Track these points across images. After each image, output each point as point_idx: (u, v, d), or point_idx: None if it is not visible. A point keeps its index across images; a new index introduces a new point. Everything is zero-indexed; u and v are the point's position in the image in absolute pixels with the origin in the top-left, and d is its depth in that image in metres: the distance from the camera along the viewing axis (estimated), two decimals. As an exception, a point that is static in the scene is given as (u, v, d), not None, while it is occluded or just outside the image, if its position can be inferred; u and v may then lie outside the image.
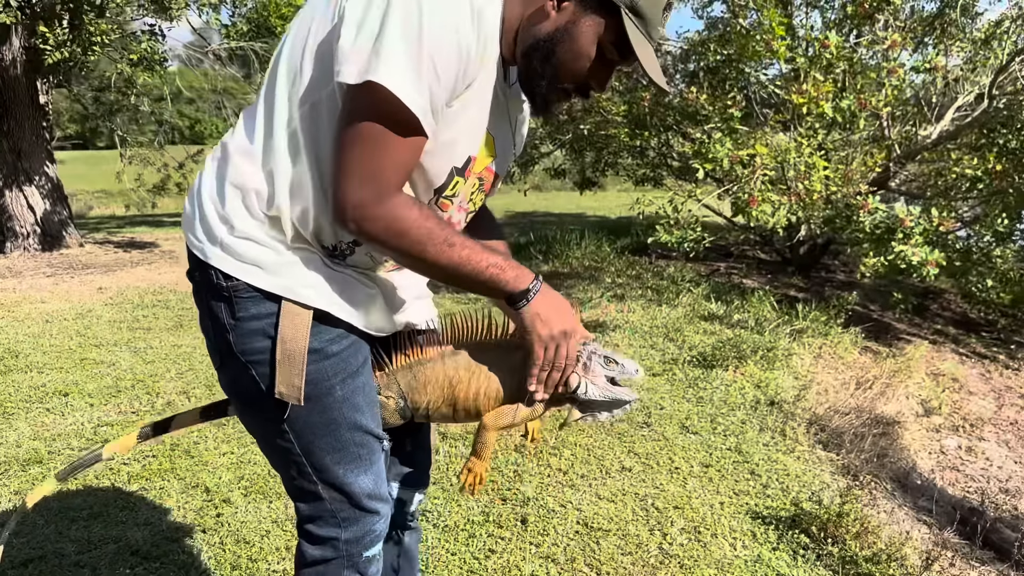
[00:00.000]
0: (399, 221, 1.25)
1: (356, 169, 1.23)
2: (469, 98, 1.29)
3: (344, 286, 1.38)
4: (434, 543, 2.64)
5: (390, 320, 1.50)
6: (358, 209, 1.24)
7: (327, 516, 1.47)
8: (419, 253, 1.28)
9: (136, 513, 2.84)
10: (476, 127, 1.36)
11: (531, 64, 1.33)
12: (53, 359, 4.76)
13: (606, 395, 1.46)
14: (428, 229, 1.26)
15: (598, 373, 1.46)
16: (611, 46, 1.31)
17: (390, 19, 1.17)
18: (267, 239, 1.35)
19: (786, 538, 2.78)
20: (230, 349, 1.39)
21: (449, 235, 1.29)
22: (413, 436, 1.71)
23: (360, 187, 1.23)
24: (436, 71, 1.20)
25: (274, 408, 1.39)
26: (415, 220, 1.26)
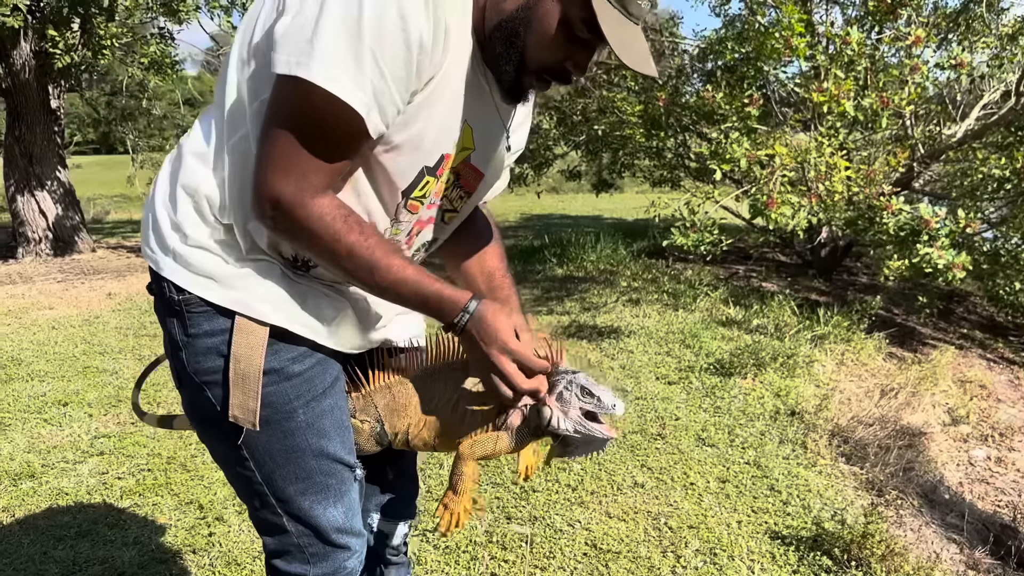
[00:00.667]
0: (316, 228, 1.15)
1: (278, 163, 1.12)
2: (433, 91, 1.16)
3: (307, 300, 1.26)
4: (433, 566, 2.51)
5: (363, 337, 1.37)
6: (276, 206, 1.13)
7: (294, 551, 1.34)
8: (338, 265, 1.19)
9: (126, 531, 2.73)
10: (448, 121, 1.22)
11: (495, 47, 1.19)
12: (56, 367, 4.67)
13: (578, 430, 1.32)
14: (348, 245, 1.16)
15: (573, 405, 1.32)
16: (581, 24, 1.16)
17: (328, 7, 1.05)
18: (220, 248, 1.23)
19: (807, 560, 2.62)
20: (184, 368, 1.27)
21: (375, 255, 1.18)
22: (395, 464, 1.58)
23: (280, 183, 1.12)
24: (379, 66, 1.07)
25: (231, 433, 1.26)
26: (334, 231, 1.15)
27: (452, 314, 1.24)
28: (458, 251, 1.52)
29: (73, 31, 7.65)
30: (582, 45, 1.19)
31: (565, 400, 1.31)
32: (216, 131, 1.22)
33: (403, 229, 1.31)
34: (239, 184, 1.19)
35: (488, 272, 1.52)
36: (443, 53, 1.15)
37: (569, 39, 1.18)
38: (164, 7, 7.58)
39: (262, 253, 1.24)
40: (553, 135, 7.62)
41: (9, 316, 6.12)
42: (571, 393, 1.31)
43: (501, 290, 1.50)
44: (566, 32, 1.17)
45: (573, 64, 1.22)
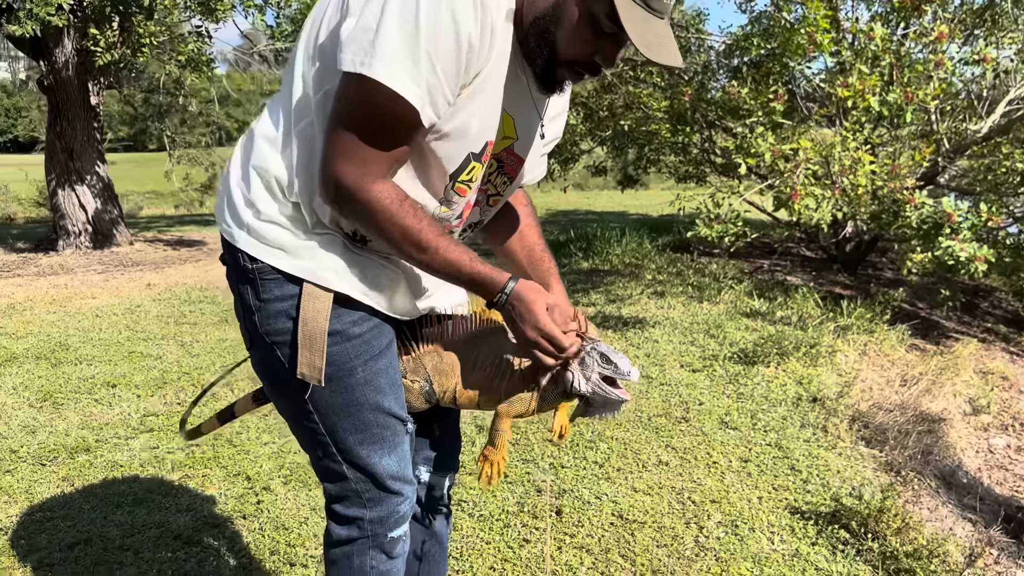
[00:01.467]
0: (375, 211, 1.28)
1: (342, 151, 1.26)
2: (478, 86, 1.30)
3: (366, 270, 1.40)
4: (469, 532, 2.65)
5: (414, 304, 1.52)
6: (339, 190, 1.27)
7: (352, 496, 1.49)
8: (393, 244, 1.32)
9: (179, 499, 2.90)
10: (491, 111, 1.36)
11: (530, 43, 1.33)
12: (102, 352, 4.88)
13: (596, 392, 1.45)
14: (403, 227, 1.29)
15: (593, 369, 1.46)
16: (606, 18, 1.26)
17: (388, 11, 1.18)
18: (289, 223, 1.38)
19: (825, 533, 2.74)
20: (256, 330, 1.42)
21: (425, 237, 1.31)
22: (441, 420, 1.73)
23: (344, 169, 1.26)
24: (433, 64, 1.21)
25: (298, 388, 1.42)
26: (391, 214, 1.28)
27: (493, 292, 1.38)
28: (500, 230, 1.66)
29: (113, 29, 7.87)
30: (609, 39, 1.30)
31: (586, 365, 1.45)
32: (284, 118, 1.37)
33: (455, 210, 1.45)
34: (305, 166, 1.34)
35: (528, 247, 1.66)
36: (489, 50, 1.28)
37: (596, 34, 1.29)
38: (201, 6, 7.78)
39: (326, 227, 1.38)
40: (579, 131, 7.74)
41: (54, 305, 6.35)
42: (592, 359, 1.45)
43: (542, 263, 1.65)
44: (593, 27, 1.28)
45: (602, 57, 1.33)
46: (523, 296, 1.38)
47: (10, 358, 4.71)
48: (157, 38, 7.87)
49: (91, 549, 2.55)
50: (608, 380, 1.45)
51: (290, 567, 2.46)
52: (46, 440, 3.45)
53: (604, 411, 1.51)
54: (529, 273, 1.64)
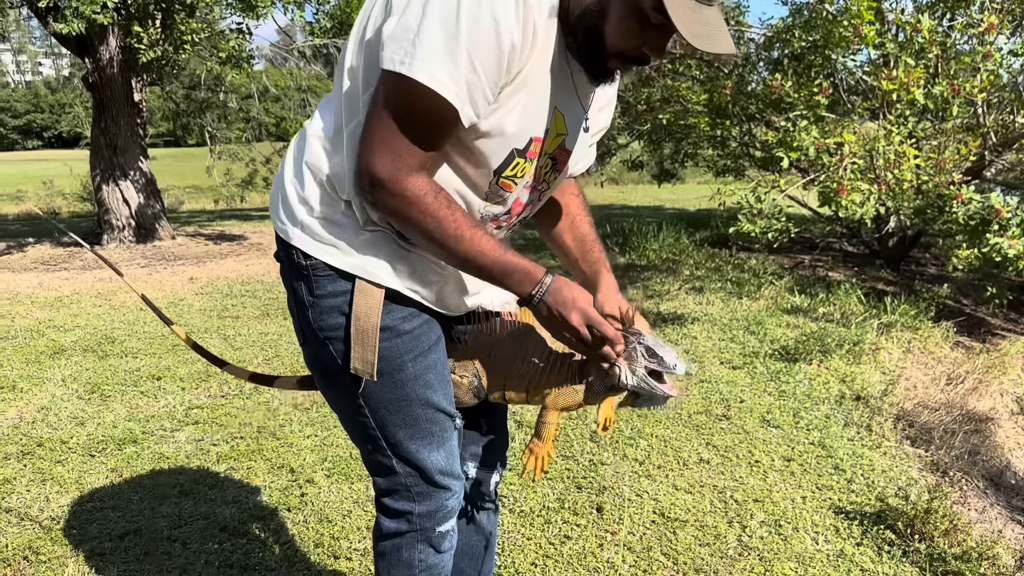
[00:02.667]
0: (409, 202, 1.28)
1: (379, 143, 1.26)
2: (519, 83, 1.29)
3: (416, 266, 1.41)
4: (510, 528, 2.66)
5: (463, 301, 1.52)
6: (373, 181, 1.27)
7: (401, 490, 1.50)
8: (425, 236, 1.32)
9: (224, 491, 2.95)
10: (535, 108, 1.35)
11: (578, 37, 1.32)
12: (147, 345, 4.96)
13: (642, 386, 1.45)
14: (437, 219, 1.29)
15: (639, 363, 1.45)
16: (652, 10, 1.24)
17: (429, 11, 1.19)
18: (343, 220, 1.39)
19: (871, 534, 2.70)
20: (310, 325, 1.44)
21: (459, 229, 1.30)
22: (489, 416, 1.73)
23: (379, 162, 1.26)
24: (473, 64, 1.21)
25: (350, 383, 1.43)
26: (424, 205, 1.28)
27: (530, 286, 1.37)
28: (549, 219, 1.66)
29: (156, 27, 7.99)
30: (657, 30, 1.28)
31: (632, 358, 1.44)
32: (335, 117, 1.38)
33: (504, 205, 1.45)
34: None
35: (580, 237, 1.65)
36: (531, 48, 1.28)
37: (644, 26, 1.27)
38: (242, 2, 7.86)
39: (377, 225, 1.39)
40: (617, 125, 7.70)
41: (99, 298, 6.47)
42: (638, 352, 1.44)
43: (592, 253, 1.64)
44: (640, 19, 1.26)
45: (651, 48, 1.31)
46: (562, 290, 1.37)
47: (59, 350, 4.81)
48: (198, 35, 7.97)
49: (140, 540, 2.60)
50: (654, 374, 1.44)
51: (334, 559, 2.49)
52: (94, 431, 3.52)
53: (650, 404, 1.51)
54: (580, 263, 1.63)
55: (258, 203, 15.58)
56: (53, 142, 61.58)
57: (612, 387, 1.50)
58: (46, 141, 63.18)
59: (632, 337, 1.46)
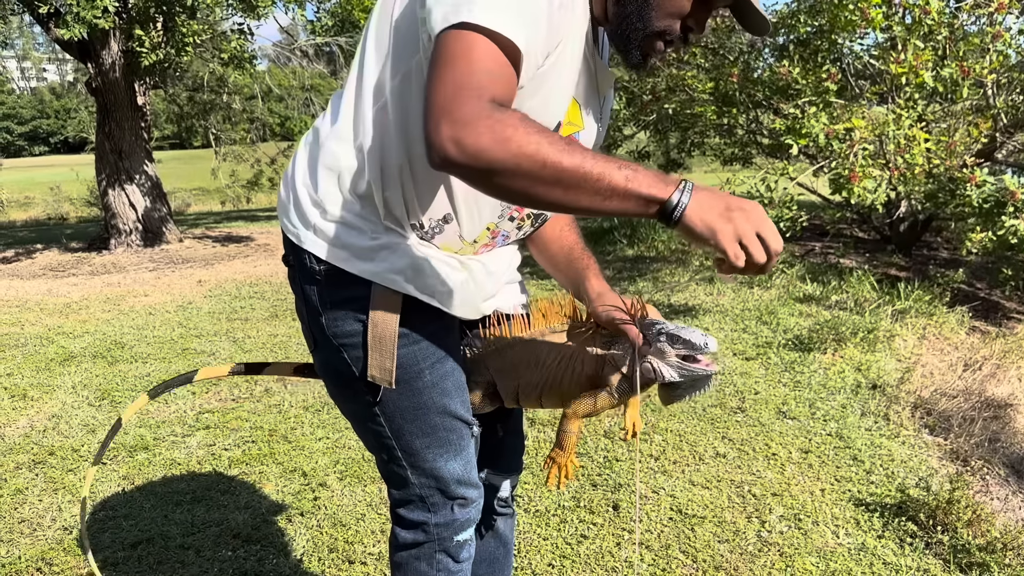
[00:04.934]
0: (506, 129, 1.02)
1: (451, 97, 1.04)
2: (557, 60, 1.24)
3: (433, 271, 1.37)
4: (526, 528, 2.63)
5: (479, 305, 1.48)
6: (457, 120, 1.02)
7: (417, 501, 1.47)
8: (535, 165, 1.03)
9: (237, 497, 2.92)
10: (564, 91, 1.30)
11: (625, 9, 1.26)
12: (156, 350, 4.95)
13: (683, 374, 1.40)
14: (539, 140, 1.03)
15: (669, 353, 1.40)
16: None
17: None
18: (359, 223, 1.35)
19: (892, 525, 2.66)
20: (323, 332, 1.40)
21: (567, 141, 1.06)
22: (504, 421, 1.70)
23: (457, 97, 1.03)
24: (532, 15, 1.12)
25: (366, 391, 1.39)
26: (523, 127, 1.03)
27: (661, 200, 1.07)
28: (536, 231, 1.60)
29: (157, 30, 7.97)
30: (701, 4, 1.25)
31: (661, 351, 1.40)
32: (353, 108, 1.32)
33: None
34: (377, 154, 1.30)
35: (567, 247, 1.61)
36: (570, 21, 1.22)
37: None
38: (243, 3, 7.83)
39: (395, 224, 1.35)
40: (623, 115, 7.64)
41: (108, 303, 6.46)
42: (663, 343, 1.40)
43: (580, 261, 1.58)
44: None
45: (694, 22, 1.26)
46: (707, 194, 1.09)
47: (68, 357, 4.80)
48: (200, 37, 7.94)
49: (153, 548, 2.58)
50: (687, 358, 1.40)
51: (348, 564, 2.46)
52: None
53: (692, 391, 1.45)
54: (567, 272, 1.59)
55: (264, 203, 15.58)
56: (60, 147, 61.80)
57: (634, 388, 1.46)
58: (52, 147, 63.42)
59: (651, 329, 1.42)
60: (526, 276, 1.61)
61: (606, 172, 1.05)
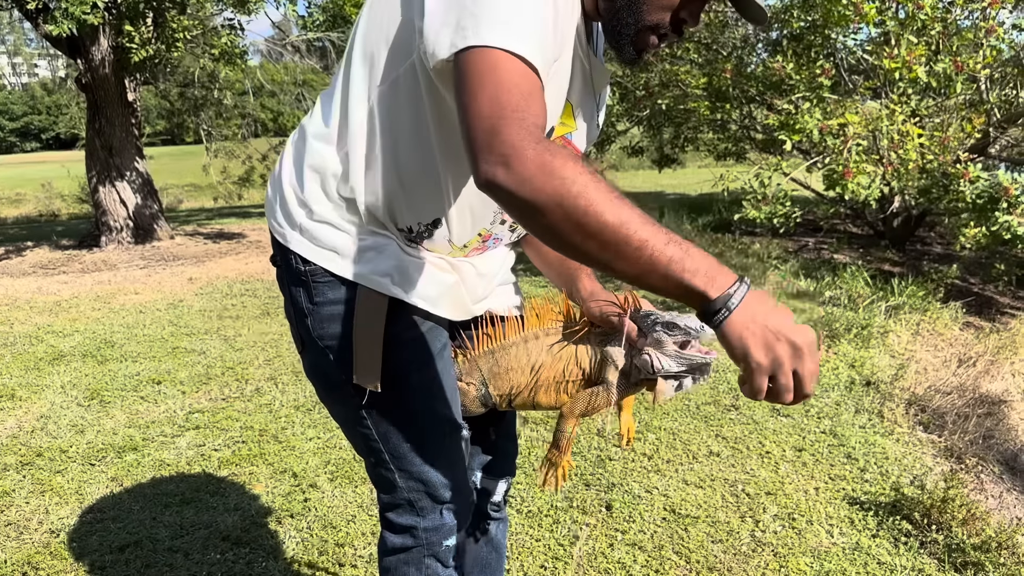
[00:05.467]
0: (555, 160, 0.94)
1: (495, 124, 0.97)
2: (557, 67, 1.20)
3: (421, 273, 1.34)
4: (518, 529, 2.61)
5: (470, 307, 1.46)
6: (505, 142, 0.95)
7: (405, 505, 1.44)
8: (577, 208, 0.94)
9: (226, 498, 2.89)
10: (559, 96, 1.28)
11: (615, 4, 1.22)
12: (146, 348, 4.91)
13: (683, 364, 1.37)
14: (586, 182, 0.94)
15: (666, 342, 1.38)
16: None
17: None
18: (344, 224, 1.32)
19: (886, 524, 2.64)
20: (309, 334, 1.38)
21: (618, 195, 0.96)
22: (497, 424, 1.67)
23: (505, 136, 0.96)
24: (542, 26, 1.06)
25: (353, 394, 1.37)
26: (573, 166, 0.95)
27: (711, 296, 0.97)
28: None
29: (147, 25, 7.91)
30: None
31: (658, 341, 1.37)
32: (340, 109, 1.29)
33: None
34: (364, 159, 1.27)
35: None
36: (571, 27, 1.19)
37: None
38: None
39: (380, 227, 1.32)
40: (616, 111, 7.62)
41: (98, 302, 6.41)
42: (659, 332, 1.37)
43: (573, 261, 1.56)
44: None
45: (688, 14, 1.23)
46: (760, 302, 0.98)
47: (58, 356, 4.76)
48: (190, 32, 7.89)
49: (141, 551, 2.55)
50: (684, 346, 1.37)
51: (339, 567, 2.44)
52: (94, 439, 3.47)
53: (696, 380, 1.42)
54: (559, 271, 1.56)
55: (256, 200, 15.51)
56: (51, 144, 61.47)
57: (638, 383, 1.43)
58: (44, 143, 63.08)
59: (646, 320, 1.39)
60: (519, 274, 1.58)
61: (649, 242, 0.95)
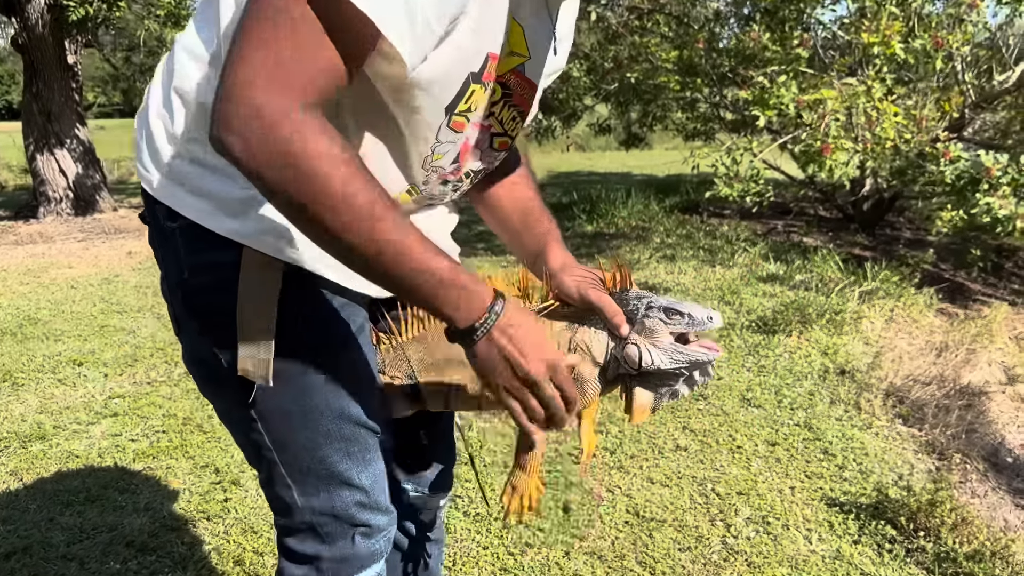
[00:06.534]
0: (305, 149, 0.81)
1: (257, 59, 0.81)
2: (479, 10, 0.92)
3: None
4: (462, 534, 2.32)
5: None
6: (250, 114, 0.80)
7: (307, 530, 1.15)
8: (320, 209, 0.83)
9: (137, 497, 2.57)
10: (496, 17, 0.98)
11: None
12: (73, 326, 4.54)
13: (677, 360, 1.09)
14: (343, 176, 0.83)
15: (660, 332, 1.09)
16: None
17: None
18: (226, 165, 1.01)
19: (869, 529, 2.41)
20: (183, 310, 1.07)
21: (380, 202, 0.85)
22: (430, 427, 1.37)
23: (259, 82, 0.80)
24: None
25: (238, 389, 1.06)
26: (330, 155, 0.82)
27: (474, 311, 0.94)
28: (482, 184, 1.28)
29: (87, -18, 7.42)
30: None
31: (650, 330, 1.09)
32: (214, 36, 0.99)
33: (447, 154, 1.08)
34: None
35: (522, 204, 1.28)
36: None
37: None
38: (180, -44, 7.33)
39: None
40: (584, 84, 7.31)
41: (28, 275, 6.00)
42: (654, 319, 1.09)
43: (539, 224, 1.27)
44: None
45: None
46: (520, 323, 0.97)
47: (-28, 334, 4.37)
48: (134, -9, 7.43)
49: (29, 559, 2.22)
50: (681, 339, 1.09)
51: (257, 579, 2.14)
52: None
53: (692, 383, 1.14)
54: (523, 236, 1.27)
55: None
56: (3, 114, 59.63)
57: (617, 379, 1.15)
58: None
59: (639, 302, 1.11)
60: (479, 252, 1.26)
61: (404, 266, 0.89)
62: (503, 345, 0.96)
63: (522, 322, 0.97)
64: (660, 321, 1.09)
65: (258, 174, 0.83)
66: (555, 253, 1.22)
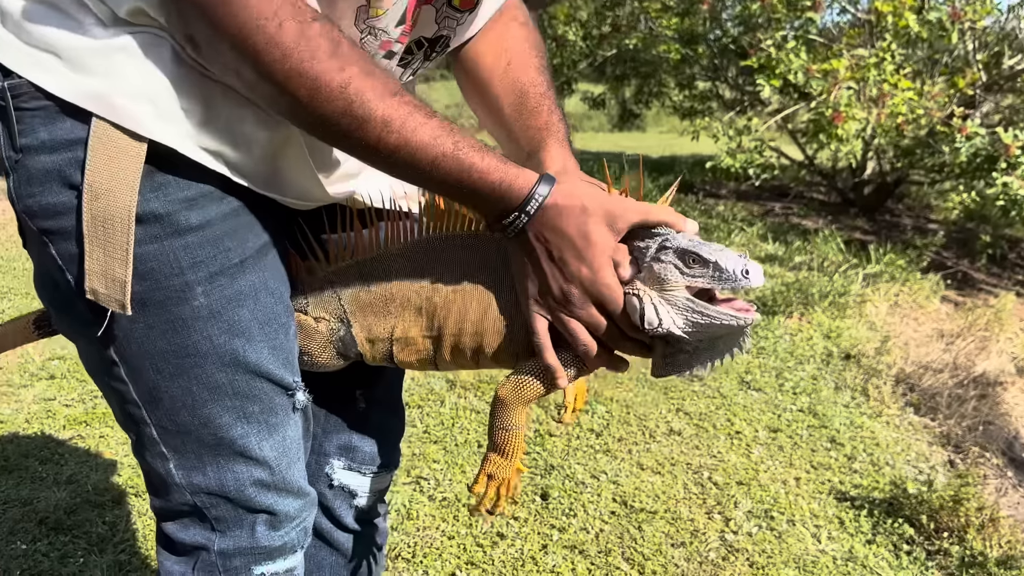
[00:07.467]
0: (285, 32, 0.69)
1: None
2: None
3: (216, 104, 0.76)
4: (426, 522, 2.03)
5: (316, 183, 0.86)
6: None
7: (189, 512, 0.86)
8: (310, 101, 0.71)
9: (60, 468, 2.28)
10: None
11: None
12: (22, 283, 4.23)
13: (694, 321, 0.80)
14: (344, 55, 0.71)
15: (674, 282, 0.80)
16: None
17: None
18: (74, 6, 0.73)
19: (884, 528, 2.15)
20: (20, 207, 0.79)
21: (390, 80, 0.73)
22: (369, 387, 1.08)
23: None
24: None
25: (90, 319, 0.77)
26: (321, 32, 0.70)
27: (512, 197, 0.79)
28: (471, 60, 0.97)
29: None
30: None
31: (662, 278, 0.79)
32: None
33: (390, 10, 0.79)
34: None
35: (517, 87, 0.95)
36: None
37: None
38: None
39: (144, 20, 0.73)
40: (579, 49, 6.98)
41: (-15, 231, 5.66)
42: (666, 266, 0.79)
43: (539, 115, 0.94)
44: None
45: None
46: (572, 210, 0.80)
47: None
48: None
49: (-76, 537, 1.93)
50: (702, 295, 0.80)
51: (186, 566, 1.85)
52: (-81, 387, 2.82)
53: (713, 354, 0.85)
54: (515, 128, 0.94)
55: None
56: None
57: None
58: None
59: (649, 240, 0.81)
60: None
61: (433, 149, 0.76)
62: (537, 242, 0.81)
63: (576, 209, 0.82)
64: (675, 268, 0.80)
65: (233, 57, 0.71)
66: (553, 154, 0.91)
